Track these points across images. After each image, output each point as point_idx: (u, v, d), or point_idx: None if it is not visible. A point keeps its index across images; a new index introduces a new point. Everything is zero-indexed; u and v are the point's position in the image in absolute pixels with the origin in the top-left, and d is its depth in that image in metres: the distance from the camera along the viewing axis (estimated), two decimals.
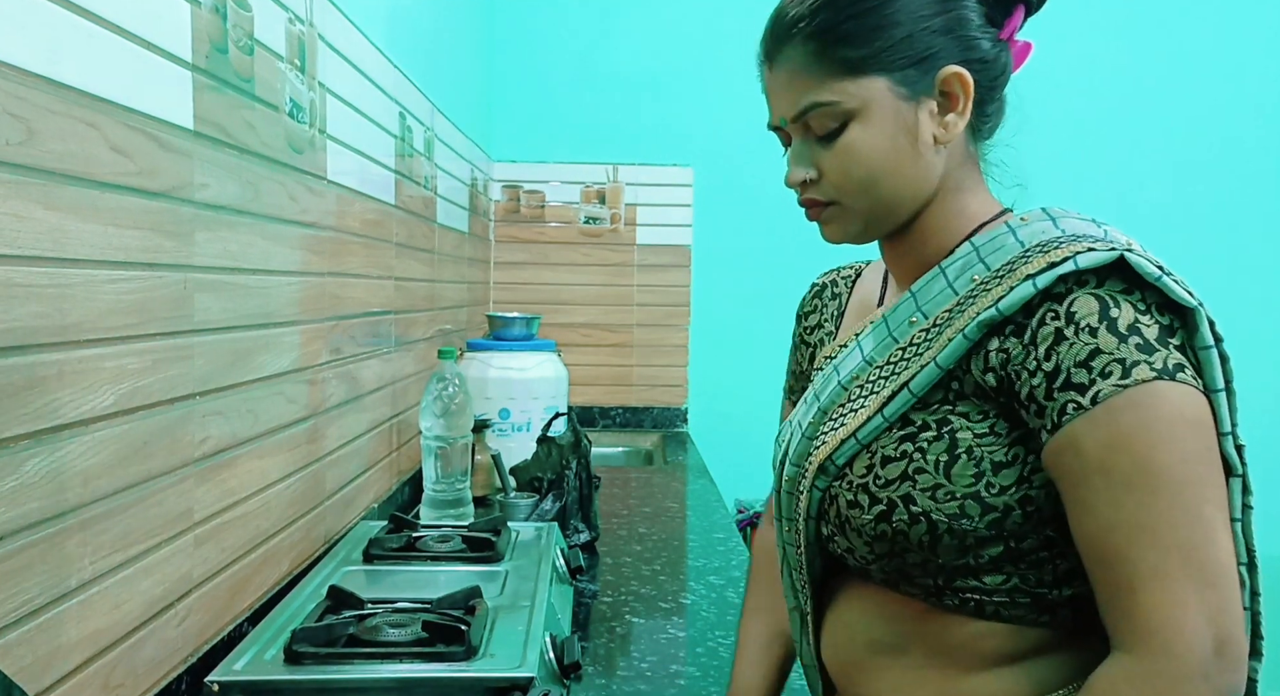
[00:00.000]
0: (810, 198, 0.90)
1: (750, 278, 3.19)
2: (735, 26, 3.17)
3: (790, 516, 0.95)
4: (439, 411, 1.74)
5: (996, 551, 0.82)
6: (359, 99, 1.59)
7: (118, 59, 0.85)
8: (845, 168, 0.87)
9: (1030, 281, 0.79)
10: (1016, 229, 0.87)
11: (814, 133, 0.88)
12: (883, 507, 0.84)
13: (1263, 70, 3.23)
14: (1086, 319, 0.77)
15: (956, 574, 0.84)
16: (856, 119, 0.86)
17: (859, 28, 0.85)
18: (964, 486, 0.81)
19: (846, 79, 0.86)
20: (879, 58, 0.85)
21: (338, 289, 1.50)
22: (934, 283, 0.90)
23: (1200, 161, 3.22)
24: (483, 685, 0.96)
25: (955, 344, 0.83)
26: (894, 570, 0.87)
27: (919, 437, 0.84)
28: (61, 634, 0.79)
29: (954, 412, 0.83)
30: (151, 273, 0.92)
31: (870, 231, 0.92)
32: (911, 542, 0.83)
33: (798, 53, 0.87)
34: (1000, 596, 0.83)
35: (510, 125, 3.18)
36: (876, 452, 0.86)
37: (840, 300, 1.09)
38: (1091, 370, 0.75)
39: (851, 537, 0.88)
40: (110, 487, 0.86)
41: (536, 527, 1.57)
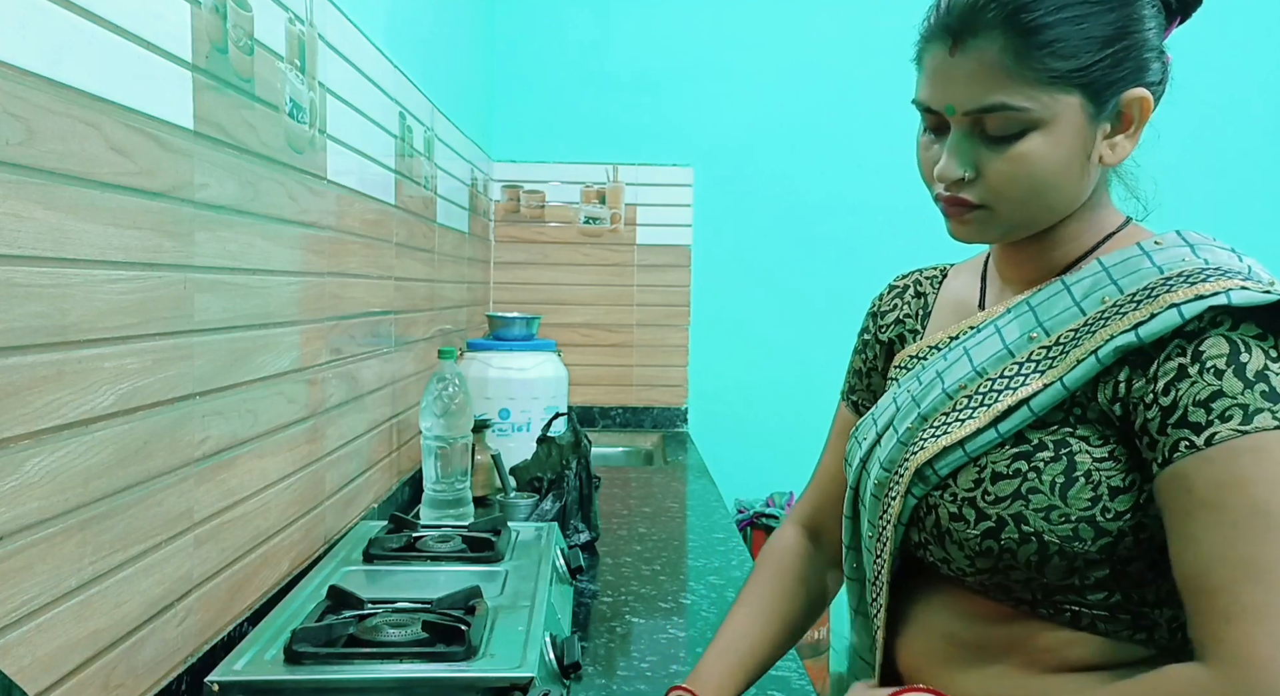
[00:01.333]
0: (960, 197, 0.86)
1: (750, 278, 3.19)
2: (735, 26, 3.19)
3: (874, 519, 0.93)
4: (439, 411, 1.74)
5: (1103, 573, 0.82)
6: (359, 99, 1.59)
7: (118, 59, 0.85)
8: (1013, 175, 0.83)
9: (1176, 310, 0.77)
10: (1151, 252, 0.85)
11: (985, 131, 0.84)
12: (991, 524, 0.83)
13: (1263, 69, 3.23)
14: (1214, 360, 0.76)
15: (1058, 590, 0.83)
16: (1039, 129, 0.82)
17: (1072, 35, 0.80)
18: (1080, 509, 0.80)
19: (1044, 88, 0.81)
20: (1084, 72, 0.81)
21: (338, 289, 1.50)
22: (1058, 298, 0.87)
23: (1199, 161, 3.22)
24: (483, 685, 0.96)
25: (1086, 366, 0.81)
26: (993, 584, 0.86)
27: (1035, 457, 0.82)
28: (61, 634, 0.79)
29: (1074, 435, 0.82)
30: (151, 273, 0.92)
31: (1006, 238, 0.90)
32: (1019, 561, 0.82)
33: (996, 45, 0.81)
34: (1100, 610, 0.83)
35: (510, 125, 3.18)
36: (986, 467, 0.84)
37: (925, 300, 1.06)
38: (1210, 411, 0.75)
39: (951, 550, 0.87)
40: (110, 487, 0.86)
41: (536, 527, 1.57)
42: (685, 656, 1.31)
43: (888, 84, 3.21)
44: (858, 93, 3.17)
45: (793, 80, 3.14)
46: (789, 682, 1.20)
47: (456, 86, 2.52)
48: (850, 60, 3.17)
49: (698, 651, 1.32)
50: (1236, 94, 3.22)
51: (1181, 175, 3.19)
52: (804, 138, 3.16)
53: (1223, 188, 3.23)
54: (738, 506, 3.09)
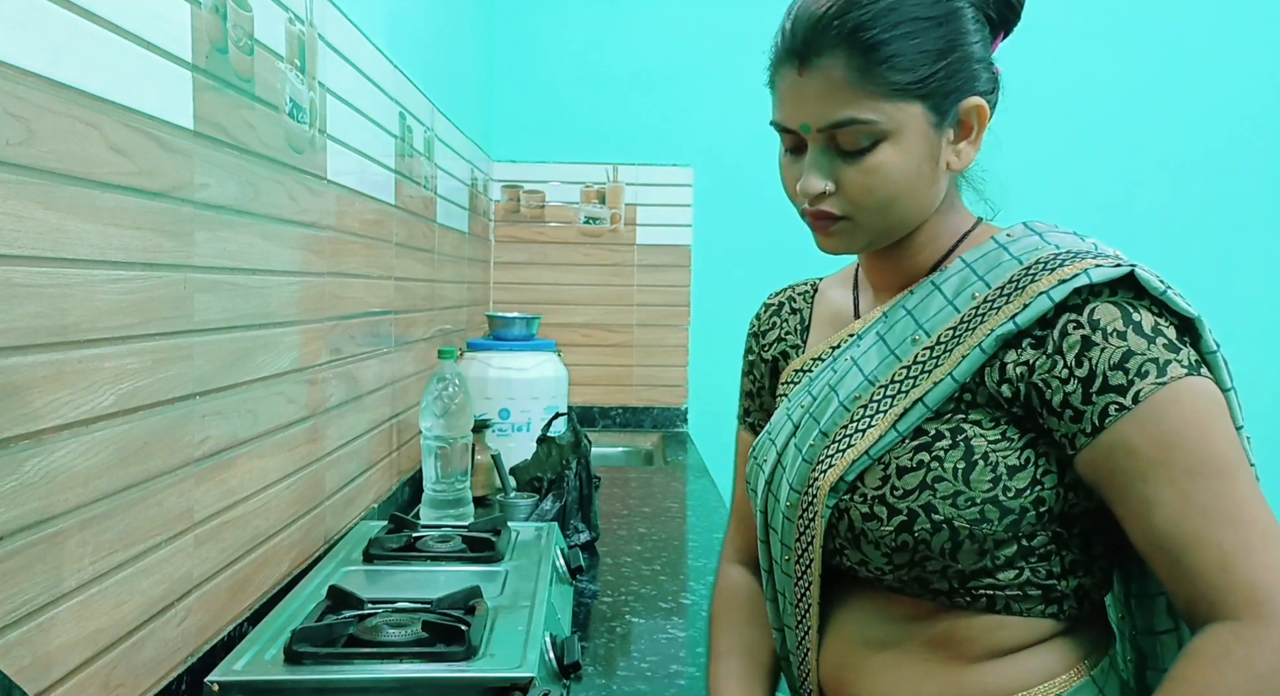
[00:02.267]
0: (823, 210, 0.90)
1: (750, 278, 3.16)
2: (735, 26, 3.19)
3: (789, 541, 0.94)
4: (439, 411, 1.74)
5: (1010, 551, 0.85)
6: (359, 99, 1.59)
7: (118, 59, 0.85)
8: (869, 186, 0.87)
9: (1045, 295, 0.82)
10: (1007, 245, 0.90)
11: (839, 146, 0.87)
12: (903, 518, 0.85)
13: (1263, 69, 3.23)
14: (1112, 324, 0.80)
15: (972, 576, 0.86)
16: (889, 140, 0.86)
17: (908, 50, 0.85)
18: (983, 491, 0.83)
19: (888, 100, 0.85)
20: (923, 84, 0.85)
21: (338, 289, 1.50)
22: (931, 300, 0.91)
23: (1199, 162, 3.22)
24: (483, 685, 0.96)
25: (971, 358, 0.85)
26: (911, 578, 0.87)
27: (934, 447, 0.85)
28: (62, 634, 0.79)
29: (966, 421, 0.86)
30: (151, 273, 0.92)
31: (870, 245, 0.94)
32: (933, 551, 0.84)
33: (839, 63, 0.85)
34: (1013, 590, 0.86)
35: (510, 125, 3.18)
36: (890, 464, 0.87)
37: (802, 315, 1.10)
38: (1128, 371, 0.79)
39: (867, 550, 0.88)
40: (110, 487, 0.86)
41: (536, 527, 1.57)
42: (685, 656, 1.31)
43: None
44: None
45: None
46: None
47: (456, 86, 2.52)
48: None
49: (698, 651, 1.32)
50: (1236, 93, 3.22)
51: (1181, 175, 3.19)
52: None
53: (1222, 187, 3.23)
54: None
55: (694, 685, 1.22)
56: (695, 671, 1.26)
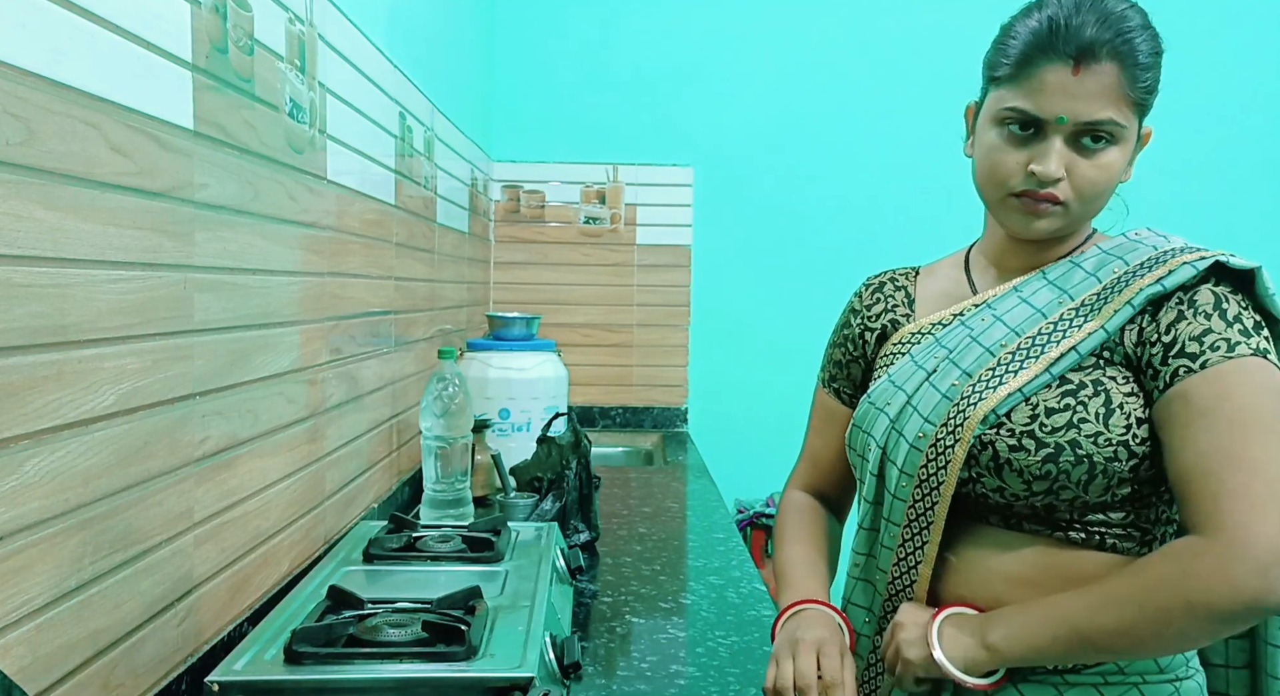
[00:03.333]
0: (1052, 193, 1.02)
1: (750, 278, 3.19)
2: (735, 26, 3.19)
3: (911, 470, 1.06)
4: (439, 411, 1.74)
5: (1126, 492, 0.99)
6: (359, 99, 1.59)
7: (118, 59, 0.85)
8: (1095, 180, 1.02)
9: (1190, 266, 0.98)
10: (1138, 241, 1.07)
11: (1080, 142, 1.01)
12: (1050, 450, 0.98)
13: (1263, 69, 3.23)
14: (1204, 306, 0.97)
15: (1091, 510, 1.00)
16: (1118, 144, 1.02)
17: (1152, 75, 1.01)
18: (1119, 434, 0.97)
19: (1134, 111, 1.01)
20: (1149, 104, 1.03)
21: (338, 289, 1.50)
22: (1072, 272, 1.07)
23: (1199, 161, 3.22)
24: (483, 685, 0.96)
25: (1122, 314, 1.00)
26: (1043, 507, 1.00)
27: (1079, 394, 0.99)
28: (61, 634, 0.79)
29: (1105, 375, 1.00)
30: (151, 273, 0.92)
31: (1063, 232, 1.07)
32: (1071, 481, 0.98)
33: (1116, 71, 0.99)
34: (1119, 529, 1.00)
35: (510, 125, 3.18)
36: (1038, 405, 1.00)
37: (906, 292, 1.23)
38: (1203, 343, 0.95)
39: (1009, 478, 1.00)
40: (110, 487, 0.86)
41: (536, 527, 1.57)
42: (685, 656, 1.31)
43: (888, 84, 3.22)
44: (858, 93, 3.17)
45: (793, 80, 3.14)
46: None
47: (456, 86, 2.52)
48: (850, 60, 3.17)
49: (698, 651, 1.32)
50: (1236, 93, 3.22)
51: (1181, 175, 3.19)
52: (804, 138, 3.16)
53: (1222, 187, 3.23)
54: (738, 506, 3.09)
55: (694, 685, 1.22)
56: (695, 671, 1.26)
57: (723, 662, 1.28)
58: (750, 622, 1.43)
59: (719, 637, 1.38)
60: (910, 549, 1.08)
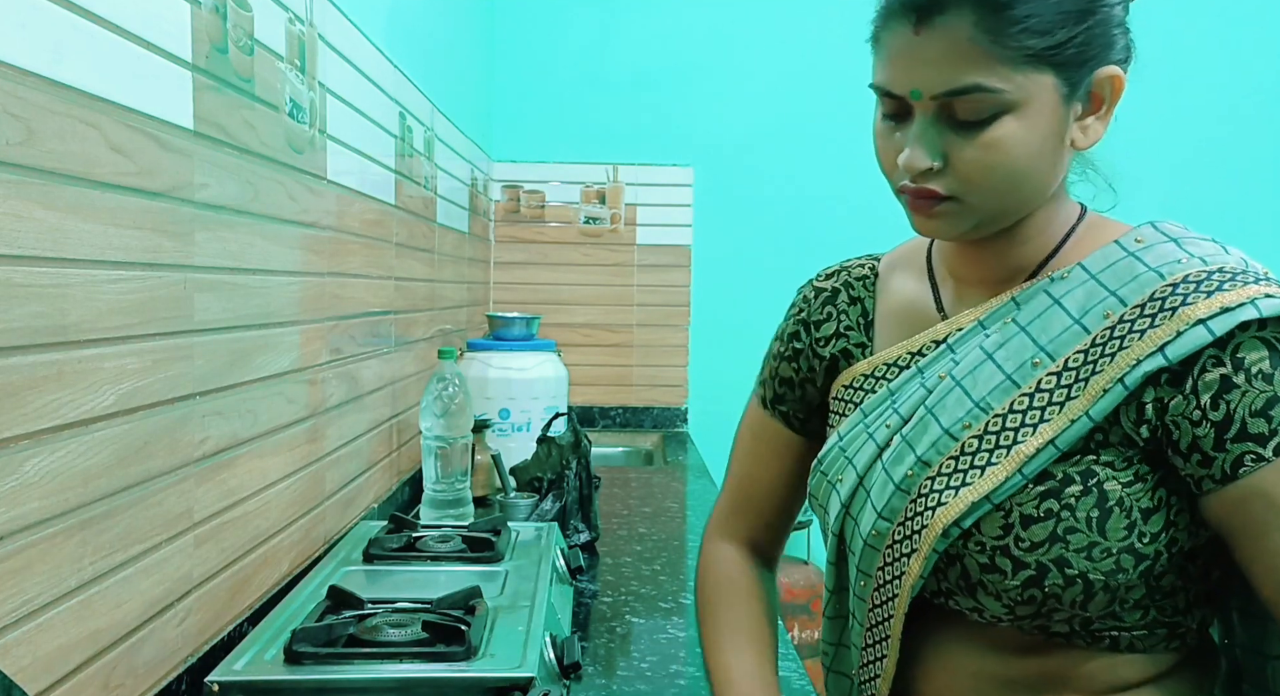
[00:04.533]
0: (928, 188, 0.80)
1: (750, 278, 3.19)
2: (735, 26, 3.19)
3: (868, 569, 0.87)
4: (439, 411, 1.74)
5: (1140, 594, 0.80)
6: (359, 99, 1.59)
7: (118, 59, 0.85)
8: (987, 164, 0.78)
9: (1203, 327, 0.74)
10: (1139, 254, 0.81)
11: (954, 117, 0.77)
12: (1031, 572, 0.78)
13: (1263, 69, 3.23)
14: (1257, 365, 0.73)
15: (1097, 619, 0.80)
16: (1013, 112, 0.76)
17: (1045, 10, 0.75)
18: (1118, 540, 0.77)
19: (1018, 67, 0.75)
20: (1058, 50, 0.76)
21: (338, 289, 1.50)
22: (1051, 316, 0.81)
23: (1200, 161, 3.22)
24: (483, 685, 0.96)
25: (1112, 395, 0.76)
26: (1032, 627, 0.82)
27: (1063, 493, 0.77)
28: (61, 634, 0.79)
29: (1098, 463, 0.78)
30: (151, 273, 0.92)
31: (978, 232, 0.83)
32: (1063, 604, 0.78)
33: (966, 24, 0.74)
34: (1139, 631, 0.81)
35: (510, 125, 3.18)
36: (1012, 511, 0.78)
37: (863, 305, 0.98)
38: (1271, 420, 0.72)
39: (985, 600, 0.81)
40: (110, 487, 0.85)
41: (536, 527, 1.57)
42: (685, 656, 1.31)
43: None
44: (857, 92, 3.16)
45: (793, 80, 3.14)
46: (789, 682, 1.20)
47: (456, 86, 2.52)
48: (850, 60, 3.16)
49: (698, 651, 1.32)
50: (1236, 93, 3.22)
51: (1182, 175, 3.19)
52: (804, 138, 3.16)
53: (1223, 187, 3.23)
54: None
55: (694, 685, 1.22)
56: (695, 671, 1.26)
57: None
58: None
59: None
60: (874, 656, 0.90)
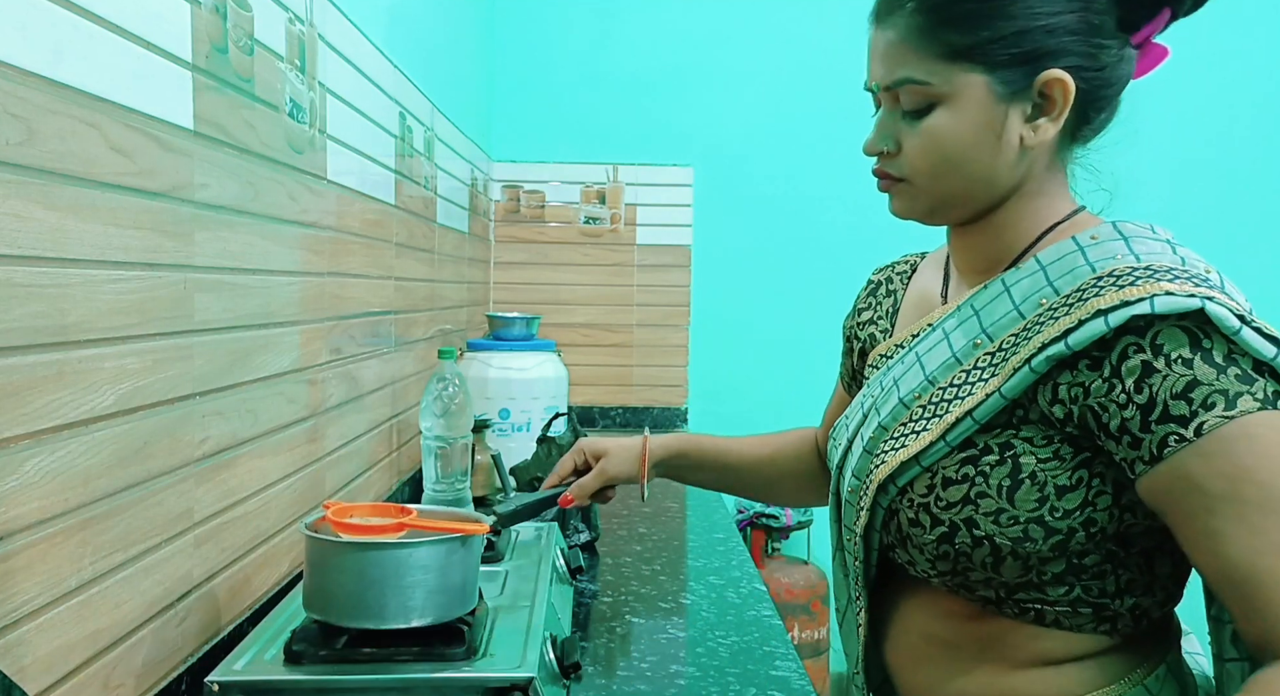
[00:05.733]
0: (883, 169, 0.91)
1: (750, 278, 3.19)
2: (735, 26, 3.19)
3: (849, 525, 0.95)
4: (439, 411, 1.74)
5: (1059, 568, 0.83)
6: (359, 99, 1.59)
7: (118, 59, 0.85)
8: (923, 149, 0.87)
9: (1103, 319, 0.77)
10: (1087, 248, 0.85)
11: (901, 106, 0.88)
12: (944, 529, 0.84)
13: (1263, 69, 3.23)
14: (1177, 351, 0.75)
15: (1019, 588, 0.85)
16: (944, 104, 0.85)
17: (971, 13, 0.83)
18: (1027, 511, 0.81)
19: (946, 63, 0.84)
20: (983, 50, 0.83)
21: (338, 289, 1.50)
22: (999, 302, 0.88)
23: (1200, 161, 3.22)
24: (483, 685, 0.96)
25: (1021, 376, 0.81)
26: (956, 583, 0.88)
27: (980, 461, 0.83)
28: (61, 634, 0.79)
29: (1017, 437, 0.82)
30: (151, 273, 0.92)
31: (935, 215, 0.93)
32: (974, 563, 0.84)
33: (905, 22, 0.86)
34: (1062, 606, 0.84)
35: (510, 125, 3.18)
36: (938, 473, 0.85)
37: (895, 297, 1.08)
38: (1191, 401, 0.74)
39: (913, 553, 0.89)
40: (110, 487, 0.86)
41: (536, 527, 1.57)
42: (685, 656, 1.31)
43: None
44: (857, 93, 3.16)
45: (793, 80, 3.14)
46: (789, 682, 1.20)
47: (456, 86, 2.52)
48: (850, 60, 3.16)
49: (698, 651, 1.32)
50: (1236, 93, 3.22)
51: (1182, 175, 3.19)
52: (804, 138, 3.16)
53: (1223, 187, 3.23)
54: (738, 506, 3.09)
55: (694, 685, 1.22)
56: (695, 671, 1.26)
57: (723, 662, 1.28)
58: (750, 622, 1.43)
59: (719, 637, 1.38)
60: (855, 609, 0.97)
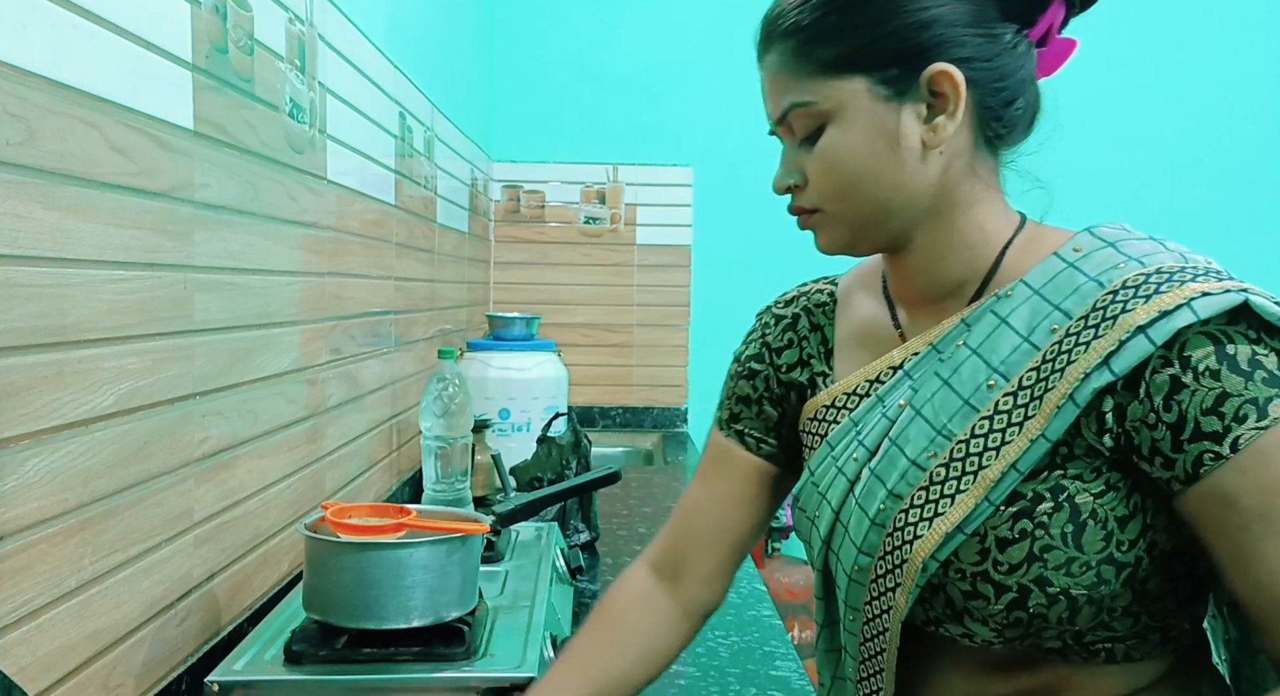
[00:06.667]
0: (797, 206, 0.87)
1: (750, 278, 3.17)
2: (735, 26, 3.18)
3: (856, 604, 0.86)
4: (439, 411, 1.74)
5: (1126, 602, 0.78)
6: (359, 99, 1.59)
7: (118, 59, 0.85)
8: (824, 172, 0.83)
9: (1143, 335, 0.72)
10: (1078, 263, 0.80)
11: (796, 136, 0.84)
12: (1014, 595, 0.77)
13: (1263, 69, 3.23)
14: (1204, 361, 0.71)
15: (1089, 632, 0.79)
16: (833, 121, 0.82)
17: (838, 24, 0.80)
18: (1096, 552, 0.76)
19: (823, 79, 0.81)
20: (857, 56, 0.80)
21: (338, 289, 1.50)
22: (999, 335, 0.81)
23: (1200, 161, 3.22)
24: (483, 685, 0.96)
25: (1065, 412, 0.75)
26: (1026, 645, 0.80)
27: (1035, 512, 0.77)
28: (61, 634, 0.79)
29: (1066, 477, 0.77)
30: (151, 273, 0.92)
31: (860, 242, 0.87)
32: (1050, 622, 0.77)
33: (779, 51, 0.83)
34: (1131, 640, 0.80)
35: (510, 125, 3.18)
36: (988, 536, 0.78)
37: (823, 333, 0.99)
38: (1224, 416, 0.70)
39: (973, 627, 0.81)
40: (110, 487, 0.86)
41: (536, 527, 1.57)
42: (685, 656, 1.31)
43: None
44: None
45: None
46: (789, 682, 1.20)
47: (456, 86, 2.52)
48: None
49: (698, 651, 1.32)
50: (1237, 93, 3.22)
51: (1182, 175, 3.19)
52: None
53: (1223, 187, 3.23)
54: None
55: (694, 685, 1.22)
56: (695, 671, 1.26)
57: (723, 662, 1.28)
58: (750, 622, 1.43)
59: (719, 637, 1.37)
60: (869, 688, 0.88)
